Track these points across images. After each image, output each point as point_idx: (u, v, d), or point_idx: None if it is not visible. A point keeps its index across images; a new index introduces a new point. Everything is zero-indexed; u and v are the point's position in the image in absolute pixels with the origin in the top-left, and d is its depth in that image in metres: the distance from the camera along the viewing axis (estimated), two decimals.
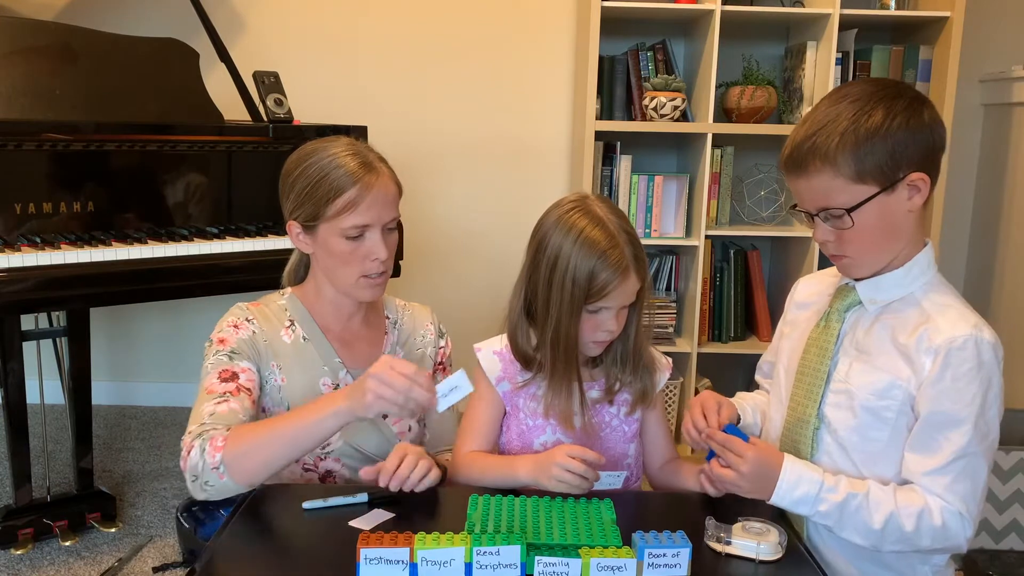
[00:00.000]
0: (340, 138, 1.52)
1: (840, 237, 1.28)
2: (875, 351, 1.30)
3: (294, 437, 1.31)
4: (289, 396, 1.51)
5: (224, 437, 1.32)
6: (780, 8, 3.05)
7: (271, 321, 1.53)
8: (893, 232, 1.28)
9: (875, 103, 1.22)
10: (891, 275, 1.31)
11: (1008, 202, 3.16)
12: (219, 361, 1.45)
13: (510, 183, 3.37)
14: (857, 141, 1.21)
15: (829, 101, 1.27)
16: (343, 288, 1.52)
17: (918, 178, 1.24)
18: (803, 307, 1.48)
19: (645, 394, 1.50)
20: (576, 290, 1.36)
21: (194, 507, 2.20)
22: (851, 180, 1.23)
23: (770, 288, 3.28)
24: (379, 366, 1.27)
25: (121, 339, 3.46)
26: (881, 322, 1.32)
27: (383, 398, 1.26)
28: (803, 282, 1.54)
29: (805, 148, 1.24)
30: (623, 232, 1.38)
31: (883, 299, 1.32)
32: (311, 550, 1.19)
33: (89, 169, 2.22)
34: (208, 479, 1.31)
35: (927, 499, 1.24)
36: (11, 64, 2.25)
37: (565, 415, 1.45)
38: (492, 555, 1.09)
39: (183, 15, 2.71)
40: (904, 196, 1.25)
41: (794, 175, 1.28)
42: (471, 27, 3.27)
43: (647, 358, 1.50)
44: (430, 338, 1.67)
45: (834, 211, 1.25)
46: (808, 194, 1.28)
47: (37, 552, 2.30)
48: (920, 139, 1.24)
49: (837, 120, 1.23)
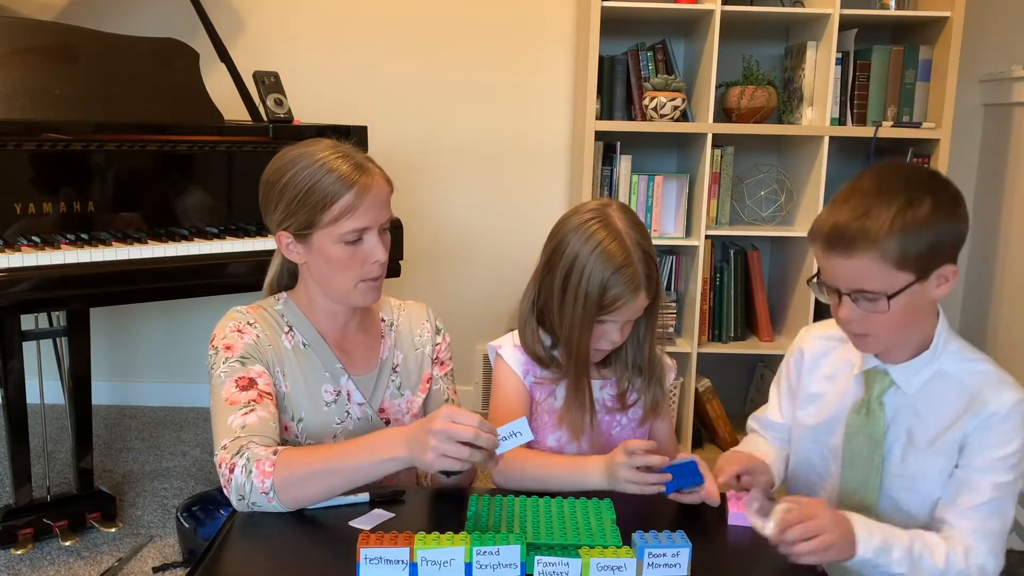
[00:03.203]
0: (320, 140, 1.46)
1: (866, 319, 1.27)
2: (927, 439, 1.32)
3: (349, 476, 1.27)
4: (293, 404, 1.47)
5: (272, 462, 1.27)
6: (780, 8, 3.05)
7: (272, 326, 1.48)
8: (917, 318, 1.29)
9: (924, 192, 1.22)
10: (922, 357, 1.32)
11: (1008, 202, 3.16)
12: (232, 368, 1.40)
13: (510, 183, 3.37)
14: (906, 227, 1.20)
15: (874, 180, 1.25)
16: (340, 295, 1.48)
17: (951, 271, 1.25)
18: (821, 382, 1.45)
19: (656, 405, 1.52)
20: (588, 302, 1.38)
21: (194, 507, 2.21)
22: (893, 267, 1.22)
23: (770, 288, 3.28)
24: (441, 422, 1.19)
25: (121, 339, 3.46)
26: (925, 405, 1.32)
27: (446, 456, 1.19)
28: (810, 351, 1.48)
29: (854, 228, 1.22)
30: (640, 249, 1.39)
31: (919, 380, 1.33)
32: (311, 550, 1.19)
33: (89, 169, 2.22)
34: (256, 501, 1.27)
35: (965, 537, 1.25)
36: (11, 64, 2.25)
37: (575, 426, 1.46)
38: (492, 555, 1.09)
39: (183, 15, 2.71)
40: (933, 285, 1.25)
41: (834, 253, 1.26)
42: (471, 27, 3.27)
43: (658, 367, 1.52)
44: (427, 336, 1.63)
45: (870, 295, 1.24)
46: (845, 275, 1.26)
47: (37, 552, 2.30)
48: (958, 233, 1.25)
49: (889, 203, 1.21)
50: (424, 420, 1.24)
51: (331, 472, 1.27)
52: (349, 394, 1.51)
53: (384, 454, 1.25)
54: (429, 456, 1.19)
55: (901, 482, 1.34)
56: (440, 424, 1.19)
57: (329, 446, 1.33)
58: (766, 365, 3.32)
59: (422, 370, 1.61)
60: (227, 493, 1.30)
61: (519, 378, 1.51)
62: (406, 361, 1.59)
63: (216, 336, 1.45)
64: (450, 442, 1.18)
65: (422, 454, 1.20)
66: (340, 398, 1.51)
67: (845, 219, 1.23)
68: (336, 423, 1.50)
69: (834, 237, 1.24)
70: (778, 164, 3.26)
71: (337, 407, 1.50)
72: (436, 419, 1.20)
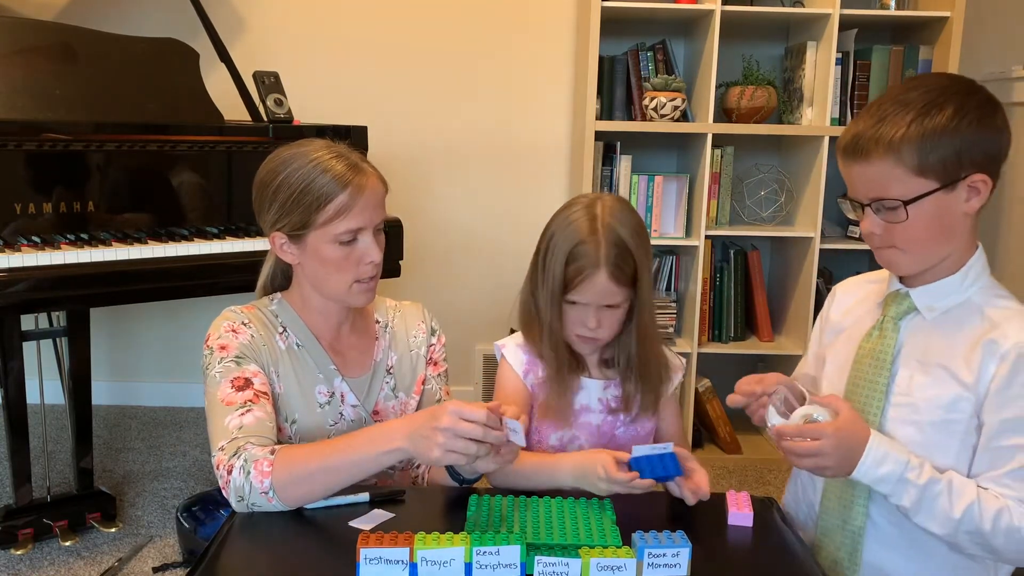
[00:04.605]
0: (314, 141, 1.46)
1: (889, 231, 1.24)
2: (939, 363, 1.26)
3: (348, 471, 1.26)
4: (287, 405, 1.46)
5: (270, 461, 1.26)
6: (780, 8, 3.05)
7: (266, 326, 1.48)
8: (945, 232, 1.24)
9: (947, 97, 1.19)
10: (947, 281, 1.27)
11: (1008, 202, 3.16)
12: (227, 369, 1.39)
13: (510, 183, 3.37)
14: (923, 133, 1.17)
15: (899, 90, 1.23)
16: (334, 296, 1.47)
17: (980, 179, 1.21)
18: (846, 315, 1.43)
19: (654, 404, 1.52)
20: (555, 278, 1.41)
21: (194, 507, 2.21)
22: (912, 172, 1.19)
23: (770, 288, 3.28)
24: (449, 419, 1.18)
25: (121, 339, 3.46)
26: (941, 330, 1.27)
27: (454, 452, 1.18)
28: (842, 288, 1.48)
29: (869, 134, 1.20)
30: (612, 231, 1.40)
31: (941, 306, 1.28)
32: (311, 550, 1.19)
33: (89, 169, 2.22)
34: (255, 501, 1.26)
35: (1008, 501, 1.20)
36: (11, 64, 2.25)
37: (559, 412, 1.46)
38: (492, 555, 1.09)
39: (183, 15, 2.71)
40: (963, 197, 1.22)
41: (852, 160, 1.24)
42: (471, 27, 3.27)
43: (656, 368, 1.51)
44: (422, 336, 1.62)
45: (888, 202, 1.21)
46: (863, 182, 1.24)
47: (37, 552, 2.30)
48: (988, 141, 1.20)
49: (907, 109, 1.19)
50: (428, 415, 1.22)
51: (329, 468, 1.26)
52: (343, 396, 1.51)
53: (383, 447, 1.24)
54: (436, 453, 1.19)
55: (902, 412, 1.28)
56: (448, 421, 1.18)
57: (327, 442, 1.32)
58: (766, 365, 3.31)
59: (416, 372, 1.61)
60: (226, 495, 1.29)
61: (520, 378, 1.52)
62: (400, 362, 1.59)
63: (211, 336, 1.44)
64: (457, 438, 1.18)
65: (428, 451, 1.20)
66: (334, 400, 1.50)
67: (863, 127, 1.22)
68: (330, 425, 1.50)
69: (852, 145, 1.23)
70: (778, 164, 3.26)
71: (331, 409, 1.50)
72: (443, 415, 1.19)
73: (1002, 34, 3.22)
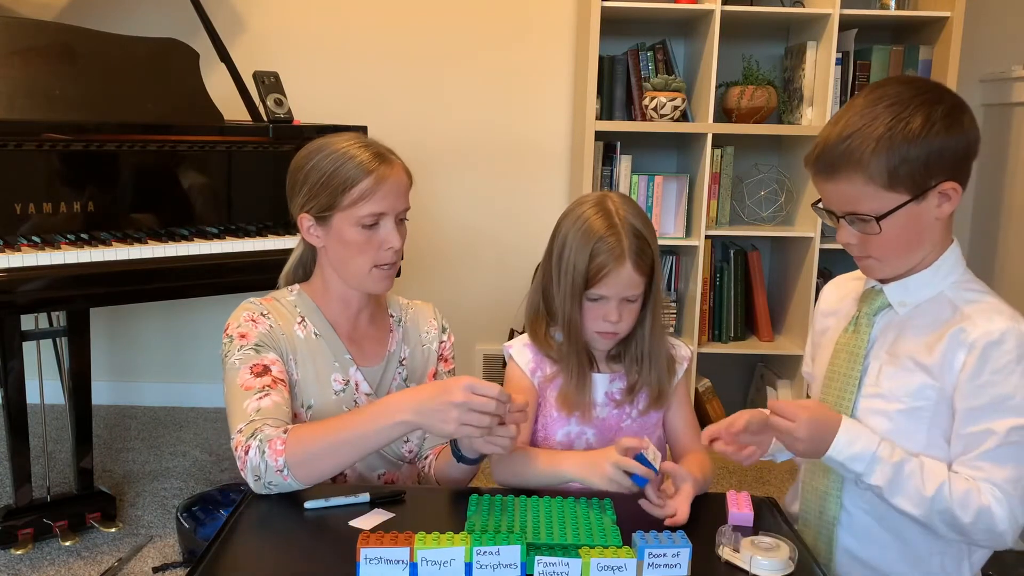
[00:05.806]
0: (347, 133, 1.55)
1: (865, 241, 1.25)
2: (907, 353, 1.27)
3: (358, 444, 1.32)
4: (303, 391, 1.51)
5: (283, 440, 1.31)
6: (780, 8, 3.05)
7: (285, 316, 1.53)
8: (919, 238, 1.25)
9: (914, 108, 1.18)
10: (919, 276, 1.28)
11: (1008, 202, 3.16)
12: (247, 356, 1.45)
13: (510, 183, 3.37)
14: (892, 149, 1.17)
15: (865, 102, 1.22)
16: (355, 280, 1.53)
17: (950, 187, 1.21)
18: (830, 314, 1.45)
19: (660, 395, 1.53)
20: (576, 274, 1.42)
21: (194, 507, 2.21)
22: (882, 188, 1.19)
23: (770, 288, 3.28)
24: (463, 394, 1.24)
25: (121, 339, 3.46)
26: (913, 324, 1.29)
27: (468, 424, 1.25)
28: (829, 288, 1.50)
29: (838, 151, 1.20)
30: (628, 224, 1.42)
31: (912, 300, 1.29)
32: (311, 550, 1.19)
33: (89, 169, 2.22)
34: (272, 480, 1.31)
35: (979, 482, 1.21)
36: (11, 64, 2.25)
37: (579, 406, 1.48)
38: (492, 555, 1.09)
39: (183, 15, 2.71)
40: (934, 204, 1.22)
41: (823, 177, 1.25)
42: (471, 27, 3.27)
43: (664, 359, 1.52)
44: (433, 334, 1.68)
45: (862, 216, 1.22)
46: (836, 197, 1.25)
47: (37, 552, 2.30)
48: (956, 147, 1.20)
49: (873, 124, 1.18)
50: (438, 389, 1.28)
51: (340, 442, 1.31)
52: (357, 384, 1.56)
53: (391, 419, 1.30)
54: (451, 427, 1.25)
55: (873, 403, 1.30)
56: (462, 396, 1.24)
57: (337, 418, 1.37)
58: (766, 365, 3.31)
59: (427, 366, 1.66)
60: (243, 475, 1.33)
61: (527, 376, 1.53)
62: (412, 356, 1.64)
63: (230, 325, 1.49)
64: (471, 412, 1.24)
65: (443, 424, 1.26)
66: (348, 387, 1.55)
67: (832, 140, 1.22)
68: (344, 411, 1.52)
69: (821, 160, 1.24)
70: (778, 164, 3.26)
71: (345, 396, 1.54)
72: (456, 390, 1.24)
73: (1002, 34, 3.22)
